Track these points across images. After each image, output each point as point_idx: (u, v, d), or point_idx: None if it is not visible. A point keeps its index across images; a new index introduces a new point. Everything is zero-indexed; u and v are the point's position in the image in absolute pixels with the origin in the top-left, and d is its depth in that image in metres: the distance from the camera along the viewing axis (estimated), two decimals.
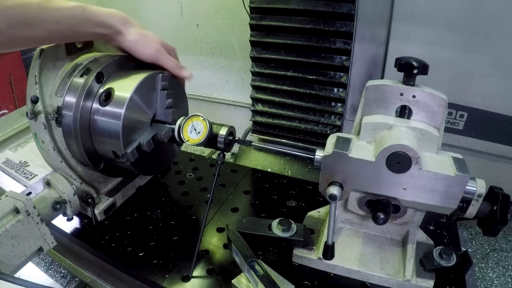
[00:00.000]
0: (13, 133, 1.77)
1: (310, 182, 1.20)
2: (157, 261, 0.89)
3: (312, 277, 0.84)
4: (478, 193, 0.72)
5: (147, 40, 0.93)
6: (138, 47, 0.92)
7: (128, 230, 1.00)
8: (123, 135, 0.86)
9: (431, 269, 0.80)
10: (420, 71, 0.71)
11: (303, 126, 1.61)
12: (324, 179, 0.76)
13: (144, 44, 0.92)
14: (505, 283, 1.24)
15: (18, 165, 1.43)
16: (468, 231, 1.44)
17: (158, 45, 0.94)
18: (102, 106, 0.87)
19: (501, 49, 1.17)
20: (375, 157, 0.71)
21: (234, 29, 1.94)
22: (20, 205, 0.75)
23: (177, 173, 1.26)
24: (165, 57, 0.95)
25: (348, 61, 1.42)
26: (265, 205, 1.10)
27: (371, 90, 0.76)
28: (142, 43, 0.92)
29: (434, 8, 1.21)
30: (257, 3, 1.45)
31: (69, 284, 1.14)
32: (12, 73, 2.48)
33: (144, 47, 0.92)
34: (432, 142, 0.73)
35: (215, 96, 2.19)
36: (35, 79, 0.88)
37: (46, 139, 0.92)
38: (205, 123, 0.88)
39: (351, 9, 1.32)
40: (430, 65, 0.71)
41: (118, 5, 2.22)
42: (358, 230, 0.91)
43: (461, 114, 1.31)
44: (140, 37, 0.91)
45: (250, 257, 0.80)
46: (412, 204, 0.75)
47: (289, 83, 1.56)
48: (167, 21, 2.11)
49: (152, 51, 0.93)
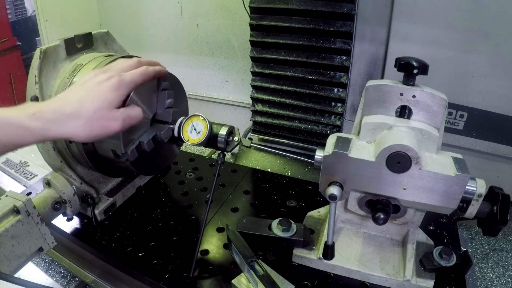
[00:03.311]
0: None
1: (310, 182, 1.20)
2: (157, 261, 0.89)
3: (312, 277, 0.84)
4: (478, 193, 0.71)
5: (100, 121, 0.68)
6: (100, 137, 0.69)
7: (128, 230, 0.99)
8: (123, 134, 0.85)
9: (431, 269, 0.80)
10: (420, 71, 0.71)
11: (303, 126, 1.61)
12: (324, 179, 0.76)
13: (102, 127, 0.69)
14: (505, 283, 1.24)
15: (18, 165, 1.43)
16: (468, 231, 1.44)
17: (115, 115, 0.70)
18: None
19: (501, 49, 1.17)
20: (375, 157, 0.71)
21: (234, 29, 1.94)
22: (20, 205, 0.75)
23: (177, 173, 1.26)
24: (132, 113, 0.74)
25: (348, 61, 1.42)
26: (265, 205, 1.10)
27: (371, 90, 0.76)
28: (99, 131, 0.68)
29: (434, 8, 1.21)
30: (257, 3, 1.45)
31: (69, 284, 1.14)
32: (12, 73, 2.48)
33: (106, 131, 0.69)
34: (432, 142, 0.73)
35: (215, 96, 2.19)
36: (35, 79, 0.88)
37: None
38: (205, 123, 0.88)
39: (351, 9, 1.32)
40: (430, 65, 0.71)
41: (118, 5, 2.23)
42: (358, 230, 0.91)
43: (461, 114, 1.31)
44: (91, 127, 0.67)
45: (250, 257, 0.80)
46: (412, 204, 0.75)
47: (289, 83, 1.56)
48: (167, 21, 2.11)
49: (117, 128, 0.70)
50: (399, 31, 1.30)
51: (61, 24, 2.06)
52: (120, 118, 0.70)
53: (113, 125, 0.70)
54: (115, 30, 1.15)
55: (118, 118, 0.70)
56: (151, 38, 2.18)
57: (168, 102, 0.95)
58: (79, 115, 0.66)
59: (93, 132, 0.68)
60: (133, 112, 0.74)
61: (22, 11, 3.23)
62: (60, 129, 0.65)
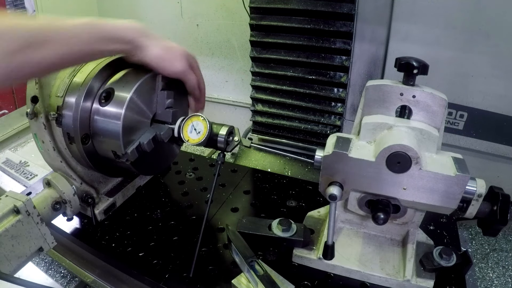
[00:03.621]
0: (13, 133, 1.78)
1: (310, 182, 1.20)
2: (157, 261, 0.89)
3: (312, 277, 0.84)
4: (478, 193, 0.71)
5: (173, 54, 0.84)
6: (163, 63, 0.84)
7: (128, 230, 0.99)
8: (123, 135, 0.85)
9: (431, 269, 0.80)
10: (420, 71, 0.71)
11: (303, 126, 1.61)
12: (324, 179, 0.76)
13: (170, 59, 0.84)
14: (505, 283, 1.24)
15: (18, 165, 1.43)
16: (468, 231, 1.44)
17: (184, 61, 0.87)
18: (102, 106, 0.87)
19: (501, 49, 1.17)
20: (375, 157, 0.71)
21: (234, 29, 1.94)
22: (20, 205, 0.75)
23: (177, 173, 1.26)
24: (190, 76, 0.90)
25: (348, 61, 1.42)
26: (265, 205, 1.10)
27: (371, 90, 0.76)
28: (167, 58, 0.84)
29: (434, 8, 1.21)
30: (257, 3, 1.45)
31: (69, 284, 1.14)
32: None
33: (170, 63, 0.84)
34: (432, 142, 0.73)
35: (215, 96, 2.19)
36: (35, 79, 0.88)
37: (46, 139, 0.92)
38: (205, 123, 0.88)
39: (351, 9, 1.32)
40: (430, 65, 0.71)
41: (118, 5, 2.23)
42: (358, 230, 0.91)
43: (461, 114, 1.31)
44: (165, 51, 0.83)
45: (250, 257, 0.80)
46: (412, 204, 0.75)
47: (289, 83, 1.56)
48: (167, 21, 2.11)
49: (179, 69, 0.86)
50: (399, 31, 1.30)
51: None
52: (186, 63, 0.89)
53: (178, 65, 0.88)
54: None
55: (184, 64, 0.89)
56: None
57: (168, 102, 0.95)
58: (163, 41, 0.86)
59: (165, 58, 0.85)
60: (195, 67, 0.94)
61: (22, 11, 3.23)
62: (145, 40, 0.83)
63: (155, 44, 0.82)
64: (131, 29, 0.79)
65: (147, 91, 0.90)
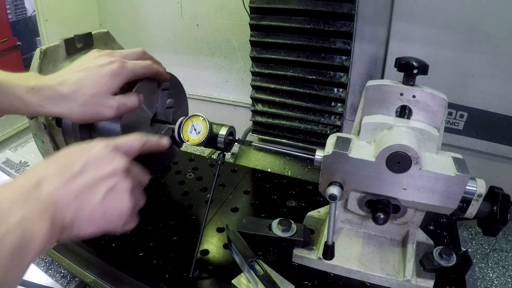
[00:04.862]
0: (13, 133, 1.77)
1: (310, 182, 1.20)
2: (157, 261, 0.89)
3: (312, 277, 0.84)
4: (478, 193, 0.71)
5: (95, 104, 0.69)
6: (94, 120, 0.74)
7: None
8: (123, 134, 0.85)
9: (431, 269, 0.80)
10: (420, 71, 0.71)
11: (303, 126, 1.61)
12: (324, 179, 0.76)
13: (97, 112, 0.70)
14: (505, 283, 1.24)
15: (18, 165, 1.43)
16: (468, 231, 1.44)
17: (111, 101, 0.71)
18: None
19: (501, 49, 1.17)
20: (375, 157, 0.71)
21: (234, 29, 1.94)
22: None
23: (177, 173, 1.26)
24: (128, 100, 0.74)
25: (348, 61, 1.42)
26: (265, 205, 1.10)
27: (371, 90, 0.76)
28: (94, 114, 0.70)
29: (434, 8, 1.21)
30: (257, 3, 1.45)
31: (69, 284, 1.14)
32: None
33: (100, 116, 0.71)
34: (432, 142, 0.73)
35: (215, 96, 2.19)
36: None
37: (46, 139, 0.92)
38: (205, 123, 0.88)
39: (351, 9, 1.32)
40: (430, 65, 0.71)
41: (118, 5, 2.23)
42: (358, 230, 0.91)
43: (461, 114, 1.31)
44: (85, 108, 0.69)
45: (250, 257, 0.80)
46: (412, 204, 0.75)
47: (289, 83, 1.56)
48: (167, 21, 2.11)
49: (111, 114, 0.72)
50: (399, 31, 1.30)
51: (61, 24, 2.06)
52: (115, 106, 0.71)
53: (107, 112, 0.71)
54: (115, 30, 1.14)
55: (113, 106, 0.71)
56: (151, 38, 2.18)
57: (168, 102, 0.95)
58: (75, 97, 0.67)
59: (86, 115, 0.70)
60: (129, 101, 0.74)
61: (22, 11, 3.23)
62: (54, 107, 0.67)
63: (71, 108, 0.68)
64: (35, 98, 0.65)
65: (148, 90, 0.90)
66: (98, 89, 0.68)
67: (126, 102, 0.73)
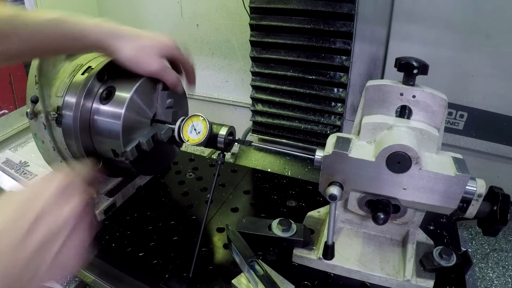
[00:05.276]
0: (13, 133, 1.77)
1: (310, 182, 1.20)
2: (157, 261, 0.89)
3: (312, 277, 0.84)
4: (478, 193, 0.71)
5: (146, 55, 0.82)
6: (137, 64, 0.82)
7: (128, 230, 0.99)
8: (123, 134, 0.86)
9: (431, 269, 0.80)
10: (420, 71, 0.71)
11: (303, 126, 1.61)
12: (324, 179, 0.76)
13: (143, 60, 0.82)
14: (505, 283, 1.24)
15: (18, 165, 1.43)
16: (468, 231, 1.44)
17: (157, 60, 0.84)
18: (103, 104, 0.87)
19: (501, 49, 1.17)
20: (375, 157, 0.71)
21: (234, 29, 1.95)
22: None
23: (177, 173, 1.26)
24: (166, 74, 0.87)
25: (348, 61, 1.42)
26: (265, 205, 1.10)
27: (371, 90, 0.76)
28: (140, 60, 0.82)
29: (434, 8, 1.21)
30: (257, 3, 1.45)
31: (69, 284, 1.14)
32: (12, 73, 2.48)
33: (144, 64, 0.82)
34: (432, 142, 0.73)
35: (215, 96, 2.19)
36: (35, 79, 0.88)
37: (46, 139, 0.92)
38: (205, 123, 0.88)
39: (351, 9, 1.32)
40: (430, 65, 0.71)
41: (118, 5, 2.23)
42: (358, 230, 0.91)
43: (461, 114, 1.31)
44: (137, 52, 0.81)
45: (250, 257, 0.80)
46: (412, 204, 0.75)
47: (289, 83, 1.56)
48: (167, 21, 2.12)
49: (152, 68, 0.84)
50: (399, 31, 1.30)
51: None
52: (160, 65, 0.85)
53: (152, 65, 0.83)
54: None
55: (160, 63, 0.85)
56: None
57: (168, 102, 0.95)
58: (131, 40, 0.80)
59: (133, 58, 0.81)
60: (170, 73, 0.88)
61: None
62: (111, 40, 0.78)
63: (125, 46, 0.79)
64: (98, 30, 0.77)
65: (147, 90, 0.90)
66: (152, 42, 0.82)
67: (168, 72, 0.87)
